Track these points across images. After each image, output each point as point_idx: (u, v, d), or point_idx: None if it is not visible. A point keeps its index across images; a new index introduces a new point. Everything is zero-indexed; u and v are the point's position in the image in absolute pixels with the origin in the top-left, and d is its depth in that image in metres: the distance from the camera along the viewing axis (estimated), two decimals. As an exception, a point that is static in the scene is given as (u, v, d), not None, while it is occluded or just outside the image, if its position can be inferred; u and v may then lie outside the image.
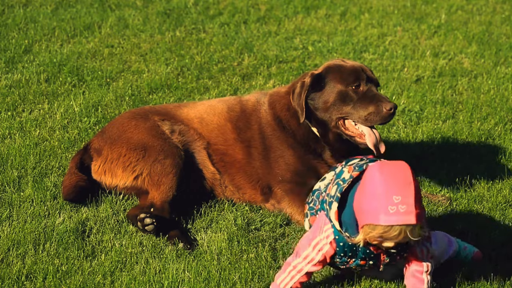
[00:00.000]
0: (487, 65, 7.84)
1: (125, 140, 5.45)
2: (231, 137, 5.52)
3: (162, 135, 5.46)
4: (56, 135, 6.18)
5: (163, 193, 5.26)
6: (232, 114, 5.59)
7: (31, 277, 4.69)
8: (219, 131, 5.55)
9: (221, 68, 7.53)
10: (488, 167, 5.93)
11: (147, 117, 5.58)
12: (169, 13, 8.79)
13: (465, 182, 5.73)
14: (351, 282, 4.70)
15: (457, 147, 6.31)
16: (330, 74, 5.32)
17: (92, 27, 8.29)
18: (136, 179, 5.36)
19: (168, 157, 5.35)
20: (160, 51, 7.81)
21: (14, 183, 5.55)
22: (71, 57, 7.59)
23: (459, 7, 9.42)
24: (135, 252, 4.92)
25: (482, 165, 5.96)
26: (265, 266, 4.81)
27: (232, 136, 5.52)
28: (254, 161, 5.46)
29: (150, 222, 5.03)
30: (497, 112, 6.82)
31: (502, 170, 5.89)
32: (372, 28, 8.67)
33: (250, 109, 5.59)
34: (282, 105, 5.49)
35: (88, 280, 4.66)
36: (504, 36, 8.62)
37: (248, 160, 5.47)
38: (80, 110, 6.55)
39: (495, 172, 5.87)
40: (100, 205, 5.36)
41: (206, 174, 5.49)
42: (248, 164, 5.47)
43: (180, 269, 4.76)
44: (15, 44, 7.80)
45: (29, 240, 4.96)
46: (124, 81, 7.17)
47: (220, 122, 5.58)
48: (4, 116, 6.46)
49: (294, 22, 8.75)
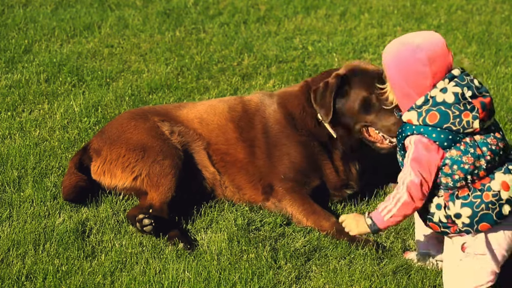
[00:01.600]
0: (487, 65, 7.84)
1: (124, 141, 5.45)
2: (233, 136, 5.52)
3: (162, 136, 5.46)
4: (56, 135, 6.17)
5: (162, 194, 5.25)
6: (233, 114, 5.59)
7: (31, 277, 4.69)
8: (220, 131, 5.55)
9: (221, 68, 7.53)
10: (488, 167, 5.93)
11: (146, 118, 5.58)
12: (169, 13, 8.79)
13: (465, 182, 5.73)
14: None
15: (457, 147, 6.31)
16: (355, 78, 5.32)
17: (92, 27, 8.29)
18: (135, 180, 5.36)
19: (167, 158, 5.35)
20: (160, 51, 7.81)
21: (14, 183, 5.55)
22: (71, 57, 7.59)
23: (458, 7, 9.42)
24: (135, 252, 4.92)
25: (482, 165, 5.96)
26: (265, 266, 4.81)
27: (234, 135, 5.52)
28: (257, 160, 5.46)
29: (148, 223, 5.02)
30: (497, 112, 6.82)
31: (502, 170, 5.89)
32: (372, 28, 8.67)
33: (253, 109, 5.59)
34: (296, 105, 5.50)
35: (88, 280, 4.66)
36: (504, 36, 8.62)
37: (250, 159, 5.47)
38: (80, 110, 6.55)
39: (495, 172, 5.87)
40: (100, 205, 5.36)
41: (206, 175, 5.49)
42: (250, 164, 5.47)
43: (180, 269, 4.76)
44: (15, 44, 7.79)
45: (29, 240, 4.96)
46: (124, 81, 7.17)
47: (221, 122, 5.58)
48: (4, 116, 6.46)
49: (294, 22, 8.75)
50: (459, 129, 4.29)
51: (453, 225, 4.40)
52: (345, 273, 4.76)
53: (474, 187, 4.35)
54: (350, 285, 4.70)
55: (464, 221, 4.35)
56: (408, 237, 5.15)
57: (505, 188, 4.34)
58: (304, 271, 4.83)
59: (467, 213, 4.34)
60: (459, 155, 4.30)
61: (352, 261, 4.90)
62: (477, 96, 4.33)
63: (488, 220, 4.34)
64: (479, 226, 4.36)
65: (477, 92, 4.34)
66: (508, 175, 4.36)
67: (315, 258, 4.93)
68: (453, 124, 4.28)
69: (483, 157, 4.32)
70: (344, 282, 4.70)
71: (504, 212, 4.34)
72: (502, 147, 4.39)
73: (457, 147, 4.31)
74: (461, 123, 4.28)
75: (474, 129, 4.30)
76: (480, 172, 4.32)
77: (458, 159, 4.30)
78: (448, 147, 4.30)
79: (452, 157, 4.31)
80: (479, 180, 4.35)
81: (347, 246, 5.01)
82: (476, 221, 4.35)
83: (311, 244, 5.04)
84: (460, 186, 4.35)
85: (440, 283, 4.69)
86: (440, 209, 4.41)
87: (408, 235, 5.17)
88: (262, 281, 4.69)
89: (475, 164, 4.31)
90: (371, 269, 4.80)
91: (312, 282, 4.74)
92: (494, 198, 4.32)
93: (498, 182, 4.34)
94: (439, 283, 4.70)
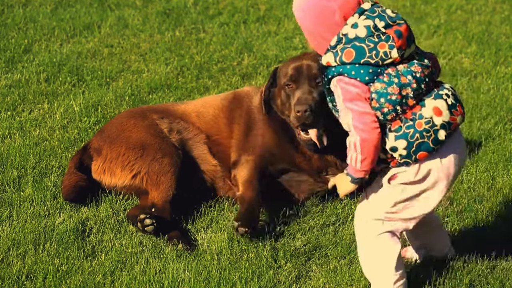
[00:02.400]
0: (486, 65, 7.84)
1: (124, 139, 5.46)
2: (222, 122, 5.57)
3: (160, 134, 5.47)
4: (56, 135, 6.17)
5: (163, 192, 5.26)
6: (224, 102, 5.67)
7: (31, 277, 4.69)
8: (214, 121, 5.59)
9: (221, 67, 7.53)
10: (488, 167, 5.93)
11: (145, 116, 5.60)
12: (169, 13, 8.78)
13: (465, 182, 5.73)
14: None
15: (457, 147, 6.31)
16: (280, 70, 5.39)
17: (92, 27, 8.29)
18: (134, 178, 5.36)
19: (166, 155, 5.35)
20: (159, 51, 7.81)
21: (14, 183, 5.54)
22: (71, 57, 7.59)
23: (458, 7, 9.42)
24: (135, 252, 4.92)
25: (482, 165, 5.96)
26: (265, 266, 4.81)
27: (223, 121, 5.57)
28: (232, 140, 5.49)
29: (150, 222, 5.02)
30: (497, 111, 6.82)
31: (502, 170, 5.89)
32: (371, 28, 8.66)
33: (243, 94, 5.67)
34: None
35: (88, 280, 4.66)
36: (504, 36, 8.62)
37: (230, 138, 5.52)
38: (80, 110, 6.55)
39: (495, 172, 5.87)
40: (100, 205, 5.36)
41: (207, 168, 5.50)
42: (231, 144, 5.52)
43: (180, 269, 4.76)
44: (15, 44, 7.79)
45: (29, 240, 4.96)
46: (124, 81, 7.17)
47: (215, 113, 5.63)
48: (4, 116, 6.46)
49: (293, 22, 8.74)
50: (377, 61, 4.27)
51: (392, 159, 4.37)
52: (345, 273, 4.76)
53: (406, 117, 4.31)
54: (350, 285, 4.70)
55: (401, 153, 4.32)
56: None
57: (437, 114, 4.32)
58: (304, 271, 4.83)
59: (403, 145, 4.30)
60: (384, 87, 4.27)
61: (352, 260, 4.89)
62: (391, 26, 4.31)
63: (425, 149, 4.31)
64: (417, 155, 4.32)
65: (390, 21, 4.31)
66: (439, 100, 4.33)
67: (315, 258, 4.93)
68: (370, 58, 4.27)
69: (409, 85, 4.29)
70: (344, 282, 4.70)
71: (440, 137, 4.31)
72: (428, 74, 4.36)
73: (380, 79, 4.28)
74: (378, 55, 4.27)
75: (393, 59, 4.28)
76: (409, 101, 4.29)
77: (384, 91, 4.27)
78: (370, 81, 4.28)
79: (377, 91, 4.27)
80: (410, 109, 4.31)
81: (347, 245, 5.01)
82: (413, 151, 4.31)
83: (311, 243, 5.04)
84: (391, 118, 4.30)
85: (441, 282, 4.70)
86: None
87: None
88: (262, 281, 4.69)
89: (401, 94, 4.27)
90: (371, 268, 4.80)
91: (312, 281, 4.73)
92: (428, 125, 4.29)
93: (429, 108, 4.31)
94: (439, 283, 4.70)
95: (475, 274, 4.78)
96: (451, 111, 4.34)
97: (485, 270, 4.83)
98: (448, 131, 4.33)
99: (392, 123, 4.31)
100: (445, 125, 4.31)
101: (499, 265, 4.89)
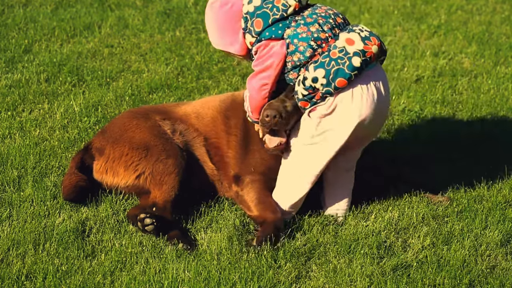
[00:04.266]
0: (487, 65, 7.84)
1: (127, 139, 5.46)
2: (220, 128, 5.55)
3: (164, 135, 5.47)
4: (56, 135, 6.17)
5: (165, 192, 5.26)
6: (222, 105, 5.62)
7: (31, 277, 4.69)
8: (212, 124, 5.58)
9: (221, 68, 7.53)
10: (488, 167, 5.93)
11: (147, 117, 5.59)
12: (169, 13, 8.79)
13: (465, 182, 5.73)
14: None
15: (457, 147, 6.31)
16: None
17: (92, 27, 8.29)
18: (138, 178, 5.36)
19: (170, 156, 5.35)
20: (160, 51, 7.81)
21: (14, 183, 5.55)
22: (71, 57, 7.59)
23: (459, 7, 9.42)
24: (135, 252, 4.92)
25: (482, 165, 5.97)
26: (265, 266, 4.81)
27: (221, 127, 5.55)
28: (230, 150, 5.47)
29: (150, 222, 5.02)
30: (497, 112, 6.82)
31: (502, 170, 5.89)
32: (371, 28, 8.66)
33: (240, 99, 5.60)
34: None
35: (88, 280, 4.66)
36: (504, 36, 8.62)
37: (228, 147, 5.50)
38: (80, 110, 6.55)
39: (495, 172, 5.87)
40: (100, 205, 5.36)
41: (206, 171, 5.50)
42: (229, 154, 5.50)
43: (180, 269, 4.76)
44: (15, 44, 7.79)
45: (29, 240, 4.96)
46: (124, 81, 7.17)
47: (213, 115, 5.60)
48: (4, 116, 6.46)
49: (294, 22, 8.75)
50: (282, 14, 4.97)
51: (316, 92, 4.83)
52: (345, 272, 4.76)
53: (323, 51, 4.91)
54: (350, 284, 4.70)
55: (322, 82, 4.81)
56: (409, 237, 5.15)
57: (349, 43, 4.90)
58: (304, 271, 4.83)
59: (321, 73, 4.85)
60: (293, 30, 4.95)
61: (352, 260, 4.89)
62: None
63: (342, 75, 4.81)
64: (336, 82, 4.81)
65: None
66: (352, 33, 4.95)
67: (315, 258, 4.93)
68: (274, 15, 4.97)
69: (316, 22, 4.95)
70: (344, 281, 4.70)
71: (355, 63, 4.85)
72: (333, 14, 5.02)
73: (289, 25, 4.97)
74: (278, 9, 4.93)
75: (293, 6, 4.97)
76: (321, 34, 4.92)
77: (294, 33, 4.94)
78: (283, 32, 4.97)
79: (289, 35, 4.94)
80: (326, 43, 4.92)
81: (347, 245, 5.01)
82: (332, 78, 4.81)
83: (311, 243, 5.04)
84: (310, 55, 4.92)
85: (441, 282, 4.70)
86: (299, 84, 4.93)
87: (408, 234, 5.17)
88: (262, 281, 4.69)
89: (310, 30, 4.93)
90: (371, 268, 4.80)
91: (312, 281, 4.73)
92: (341, 53, 4.85)
93: (342, 40, 4.92)
94: (439, 283, 4.70)
95: (475, 274, 4.78)
96: (365, 41, 4.93)
97: (485, 270, 4.83)
98: (363, 58, 4.83)
99: (313, 58, 4.92)
100: (358, 53, 4.84)
101: (499, 265, 4.89)
